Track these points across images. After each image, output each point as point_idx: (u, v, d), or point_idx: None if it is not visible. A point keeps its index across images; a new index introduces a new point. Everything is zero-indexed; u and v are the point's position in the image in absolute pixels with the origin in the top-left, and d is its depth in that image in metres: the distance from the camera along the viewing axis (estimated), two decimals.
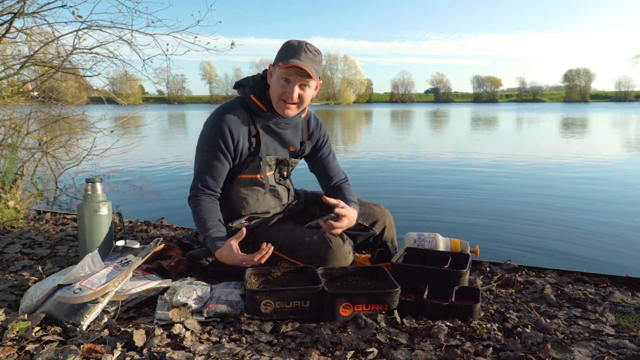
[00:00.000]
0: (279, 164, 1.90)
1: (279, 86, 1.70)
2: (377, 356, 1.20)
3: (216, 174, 1.78)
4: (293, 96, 1.70)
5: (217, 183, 1.80)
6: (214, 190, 1.79)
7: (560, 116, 28.89)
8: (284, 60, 1.66)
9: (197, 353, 1.18)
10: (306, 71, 1.66)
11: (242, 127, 1.77)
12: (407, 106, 79.91)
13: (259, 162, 1.81)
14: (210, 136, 1.76)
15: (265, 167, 1.84)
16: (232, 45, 4.62)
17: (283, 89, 1.70)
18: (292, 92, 1.70)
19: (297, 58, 1.65)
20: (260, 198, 1.88)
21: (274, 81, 1.72)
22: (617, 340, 1.28)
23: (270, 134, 1.84)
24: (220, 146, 1.75)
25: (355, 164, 7.29)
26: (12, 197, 3.26)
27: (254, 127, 1.80)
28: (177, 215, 3.81)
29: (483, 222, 3.67)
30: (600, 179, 5.76)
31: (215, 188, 1.80)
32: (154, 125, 16.22)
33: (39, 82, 4.69)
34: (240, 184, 1.85)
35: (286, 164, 1.92)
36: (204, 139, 1.79)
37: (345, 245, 1.75)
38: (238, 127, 1.76)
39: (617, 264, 2.76)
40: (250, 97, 1.79)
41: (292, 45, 1.70)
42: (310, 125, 1.97)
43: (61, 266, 1.88)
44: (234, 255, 1.57)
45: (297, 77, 1.68)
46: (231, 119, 1.75)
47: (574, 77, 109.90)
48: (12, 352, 1.17)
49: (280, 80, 1.69)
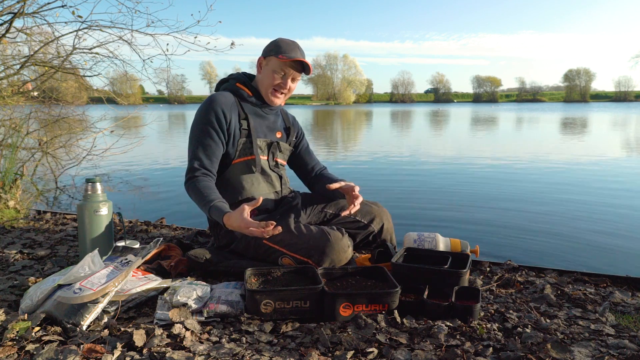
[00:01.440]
0: (270, 147, 1.97)
1: (274, 77, 1.86)
2: (377, 356, 1.20)
3: (210, 153, 1.81)
4: (286, 86, 1.89)
5: (212, 163, 1.82)
6: (209, 170, 1.81)
7: (560, 116, 28.89)
8: (286, 54, 1.82)
9: (197, 353, 1.18)
10: (305, 67, 1.86)
11: (233, 109, 1.87)
12: (407, 106, 79.89)
13: (249, 143, 1.89)
14: (204, 117, 1.83)
15: (257, 149, 1.90)
16: (232, 45, 4.62)
17: (277, 80, 1.86)
18: (286, 83, 1.89)
19: (296, 54, 1.84)
20: (255, 182, 1.92)
21: (267, 71, 1.88)
22: (617, 340, 1.28)
23: (258, 117, 1.95)
24: (213, 124, 1.81)
25: (355, 164, 7.29)
26: (12, 197, 3.26)
27: (242, 110, 1.90)
28: (177, 215, 3.81)
29: (483, 222, 3.67)
30: (600, 179, 5.76)
31: (210, 168, 1.81)
32: (154, 125, 16.23)
33: (39, 82, 4.70)
34: (235, 170, 1.89)
35: (277, 147, 1.99)
36: (197, 122, 1.85)
37: (344, 239, 1.76)
38: (229, 109, 1.86)
39: (617, 264, 2.76)
40: (235, 85, 1.94)
41: (287, 42, 1.88)
42: (288, 117, 2.13)
43: (61, 266, 1.88)
44: (243, 219, 1.54)
45: (292, 71, 1.86)
46: (222, 100, 1.85)
47: (574, 77, 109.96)
48: (12, 352, 1.17)
49: (275, 70, 1.85)
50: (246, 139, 1.89)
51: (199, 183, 1.75)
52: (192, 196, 1.76)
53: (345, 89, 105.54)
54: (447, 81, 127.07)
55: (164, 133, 15.42)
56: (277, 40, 1.89)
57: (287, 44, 1.87)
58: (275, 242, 1.78)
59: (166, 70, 4.87)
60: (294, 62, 1.84)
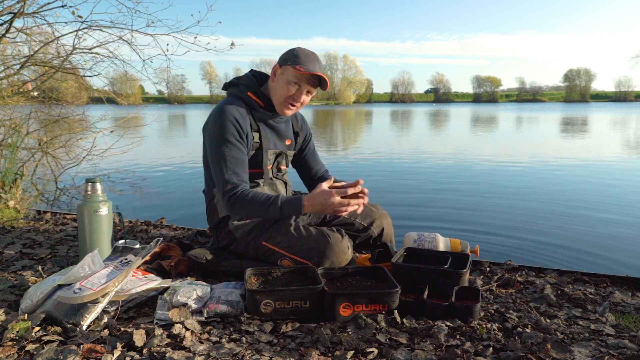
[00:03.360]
0: (277, 157, 1.93)
1: (288, 88, 1.75)
2: (377, 356, 1.20)
3: (242, 165, 1.74)
4: (300, 99, 1.78)
5: (247, 175, 1.76)
6: (246, 182, 1.75)
7: (560, 116, 28.89)
8: (304, 66, 1.71)
9: (197, 353, 1.18)
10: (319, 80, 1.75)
11: (246, 121, 1.80)
12: (407, 106, 79.88)
13: (261, 156, 1.84)
14: (224, 130, 1.72)
15: (266, 162, 1.87)
16: (232, 45, 4.62)
17: (291, 91, 1.76)
18: (300, 96, 1.78)
19: (314, 68, 1.73)
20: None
21: (282, 81, 1.77)
22: (617, 340, 1.28)
23: (269, 128, 1.89)
24: (235, 136, 1.73)
25: (355, 164, 7.30)
26: (12, 197, 3.26)
27: (254, 122, 1.84)
28: (177, 215, 3.82)
29: (483, 222, 3.67)
30: (600, 179, 5.76)
31: (247, 181, 1.76)
32: (154, 125, 16.23)
33: (39, 82, 4.69)
34: None
35: (284, 156, 1.96)
36: (217, 136, 1.73)
37: (343, 241, 1.75)
38: (244, 121, 1.78)
39: (617, 264, 2.76)
40: (247, 94, 1.83)
41: (306, 53, 1.76)
42: (298, 119, 2.06)
43: (61, 266, 1.88)
44: (329, 193, 1.56)
45: (307, 85, 1.76)
46: (237, 113, 1.76)
47: (574, 77, 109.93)
48: (12, 352, 1.17)
49: (290, 82, 1.75)
50: (256, 152, 1.83)
51: (248, 195, 1.67)
52: (247, 209, 1.68)
53: (345, 89, 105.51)
54: (447, 81, 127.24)
55: (164, 133, 15.42)
56: (296, 49, 1.77)
57: (306, 55, 1.75)
58: (275, 244, 1.78)
59: (166, 70, 4.87)
60: (311, 76, 1.73)
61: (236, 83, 1.89)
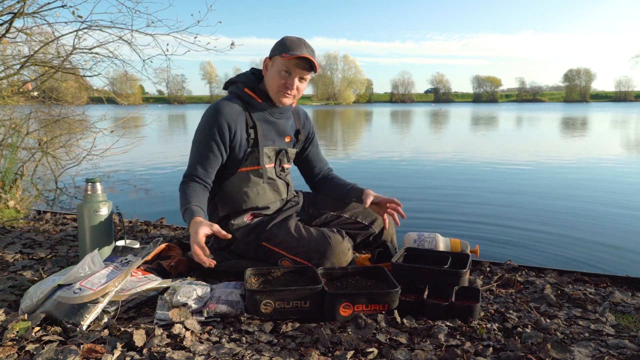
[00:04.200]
0: (278, 154, 1.92)
1: (279, 77, 1.77)
2: (377, 356, 1.20)
3: (207, 165, 1.79)
4: (293, 87, 1.78)
5: (208, 174, 1.81)
6: (203, 179, 1.80)
7: (560, 116, 28.89)
8: (289, 52, 1.72)
9: (197, 353, 1.18)
10: (310, 63, 1.74)
11: (239, 119, 1.81)
12: (407, 106, 79.88)
13: (257, 153, 1.84)
14: (206, 128, 1.79)
15: (264, 158, 1.86)
16: (232, 45, 4.62)
17: (283, 80, 1.77)
18: (293, 83, 1.78)
19: (301, 51, 1.73)
20: (261, 191, 1.88)
21: (273, 72, 1.79)
22: (617, 340, 1.28)
23: (267, 124, 1.88)
24: (215, 137, 1.77)
25: (355, 164, 7.29)
26: (12, 197, 3.26)
27: (250, 118, 1.84)
28: (177, 215, 3.80)
29: (483, 222, 3.67)
30: (600, 179, 5.76)
31: (205, 178, 1.80)
32: (154, 125, 16.23)
33: (39, 82, 4.69)
34: (240, 178, 1.85)
35: (285, 154, 1.95)
36: (200, 131, 1.81)
37: (344, 242, 1.75)
38: (235, 119, 1.79)
39: (617, 264, 2.76)
40: (244, 90, 1.85)
41: (292, 40, 1.77)
42: (300, 116, 2.05)
43: (61, 266, 1.88)
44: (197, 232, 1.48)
45: (298, 70, 1.76)
46: (227, 110, 1.79)
47: (574, 77, 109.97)
48: (12, 352, 1.17)
49: (281, 71, 1.76)
50: (253, 149, 1.84)
51: (189, 187, 1.75)
52: (180, 197, 1.76)
53: (345, 89, 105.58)
54: (447, 81, 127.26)
55: (164, 133, 15.42)
56: (283, 38, 1.79)
57: (292, 41, 1.76)
58: (275, 244, 1.78)
59: (166, 70, 4.87)
60: (298, 60, 1.73)
61: (235, 81, 1.91)
